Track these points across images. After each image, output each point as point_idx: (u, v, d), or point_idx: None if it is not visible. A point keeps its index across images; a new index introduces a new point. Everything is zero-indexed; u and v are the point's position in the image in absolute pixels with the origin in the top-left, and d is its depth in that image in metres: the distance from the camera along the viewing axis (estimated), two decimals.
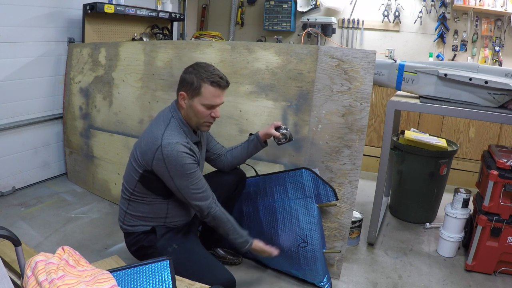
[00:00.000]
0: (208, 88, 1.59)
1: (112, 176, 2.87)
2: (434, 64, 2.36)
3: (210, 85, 1.59)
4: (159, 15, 3.63)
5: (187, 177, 1.58)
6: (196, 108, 1.62)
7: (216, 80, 1.59)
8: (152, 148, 1.57)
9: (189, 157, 1.58)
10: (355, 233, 2.43)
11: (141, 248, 1.72)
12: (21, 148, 2.97)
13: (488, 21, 3.69)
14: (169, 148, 1.55)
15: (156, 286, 1.22)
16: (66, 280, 1.13)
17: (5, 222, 2.47)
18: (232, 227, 1.70)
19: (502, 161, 2.08)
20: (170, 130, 1.61)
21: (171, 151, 1.54)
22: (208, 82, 1.59)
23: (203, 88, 1.59)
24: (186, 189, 1.60)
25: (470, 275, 2.20)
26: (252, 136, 1.98)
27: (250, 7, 4.67)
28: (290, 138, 1.92)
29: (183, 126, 1.66)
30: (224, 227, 1.68)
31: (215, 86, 1.59)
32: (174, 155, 1.54)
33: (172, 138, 1.58)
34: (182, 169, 1.56)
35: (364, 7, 4.11)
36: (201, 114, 1.63)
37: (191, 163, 1.58)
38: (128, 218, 1.73)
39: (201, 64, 1.65)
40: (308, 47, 2.08)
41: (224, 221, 1.67)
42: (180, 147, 1.57)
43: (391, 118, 2.27)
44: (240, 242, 1.71)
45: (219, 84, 1.60)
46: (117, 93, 2.75)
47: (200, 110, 1.62)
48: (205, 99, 1.60)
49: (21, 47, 2.82)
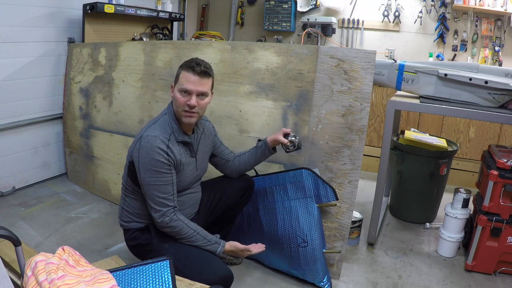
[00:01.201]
0: (183, 73, 1.61)
1: (112, 176, 2.87)
2: (434, 64, 2.36)
3: (185, 70, 1.61)
4: (159, 15, 3.63)
5: (151, 173, 1.57)
6: (175, 95, 1.63)
7: (190, 65, 1.60)
8: (136, 139, 1.63)
9: (162, 155, 1.57)
10: (355, 233, 2.43)
11: (139, 245, 1.73)
12: (21, 148, 2.97)
13: (488, 21, 3.69)
14: (147, 139, 1.58)
15: (156, 286, 1.22)
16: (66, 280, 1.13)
17: (5, 222, 2.47)
18: (196, 234, 1.64)
19: (502, 161, 2.08)
20: (156, 125, 1.64)
21: (147, 143, 1.57)
22: (184, 68, 1.62)
23: (180, 74, 1.62)
24: (147, 186, 1.59)
25: (470, 275, 2.20)
26: (260, 142, 1.95)
27: (250, 7, 4.67)
28: (299, 146, 1.88)
29: (173, 123, 1.66)
30: (186, 235, 1.63)
31: (189, 70, 1.60)
32: (148, 146, 1.57)
33: (153, 132, 1.60)
34: (150, 163, 1.56)
35: (364, 7, 4.12)
36: (178, 101, 1.62)
37: (161, 161, 1.57)
38: (124, 214, 1.75)
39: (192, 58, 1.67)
40: (308, 47, 2.08)
41: (184, 230, 1.62)
42: (157, 141, 1.57)
43: (391, 118, 2.27)
44: (210, 248, 1.66)
45: (192, 69, 1.60)
46: (117, 93, 2.75)
47: (177, 97, 1.62)
48: (179, 84, 1.62)
49: (21, 47, 2.82)
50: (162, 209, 1.60)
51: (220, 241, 1.70)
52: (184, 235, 1.63)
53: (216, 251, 1.67)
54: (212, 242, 1.68)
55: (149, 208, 1.64)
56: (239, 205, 2.03)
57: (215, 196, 1.95)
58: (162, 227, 1.63)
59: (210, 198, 1.94)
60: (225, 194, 1.96)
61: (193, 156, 1.76)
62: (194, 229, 1.65)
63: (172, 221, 1.61)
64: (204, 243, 1.66)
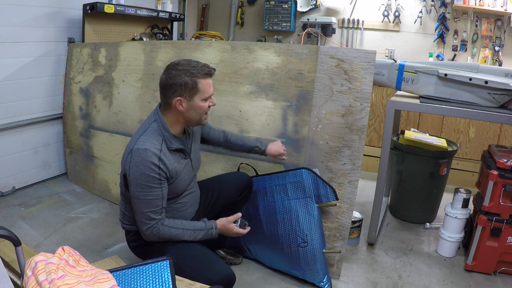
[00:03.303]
0: (202, 82, 1.57)
1: (112, 176, 2.87)
2: (434, 64, 2.36)
3: (203, 78, 1.57)
4: (159, 15, 3.63)
5: (142, 187, 1.52)
6: (198, 105, 1.59)
7: (207, 72, 1.58)
8: (126, 151, 1.58)
9: (153, 170, 1.52)
10: (355, 233, 2.43)
11: (141, 245, 1.72)
12: (21, 148, 2.97)
13: (488, 21, 3.69)
14: (137, 153, 1.52)
15: (156, 286, 1.22)
16: (66, 280, 1.13)
17: (5, 222, 2.47)
18: (185, 230, 1.62)
19: (502, 161, 2.08)
20: (146, 135, 1.58)
21: (137, 157, 1.52)
22: (202, 77, 1.56)
23: (199, 84, 1.56)
24: (137, 199, 1.55)
25: (470, 275, 2.20)
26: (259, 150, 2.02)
27: (250, 7, 4.66)
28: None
29: (164, 131, 1.61)
30: (176, 237, 1.61)
31: (207, 77, 1.58)
32: (139, 161, 1.51)
33: (144, 144, 1.54)
34: (141, 178, 1.51)
35: (364, 7, 4.11)
36: (203, 109, 1.61)
37: (152, 175, 1.52)
38: (127, 218, 1.73)
39: (179, 63, 1.59)
40: (308, 47, 2.08)
41: (172, 233, 1.60)
42: (148, 154, 1.51)
43: (391, 118, 2.27)
44: (205, 235, 1.65)
45: (210, 74, 1.59)
46: (117, 93, 2.75)
47: (202, 105, 1.60)
48: (203, 93, 1.58)
49: (21, 47, 2.82)
50: (149, 223, 1.57)
51: (210, 225, 1.67)
52: (174, 237, 1.61)
53: (212, 236, 1.67)
54: (204, 229, 1.65)
55: (136, 220, 1.61)
56: (237, 204, 2.02)
57: (213, 195, 1.94)
58: (150, 239, 1.61)
59: (208, 197, 1.93)
60: (223, 193, 1.95)
61: (187, 157, 1.73)
62: (181, 227, 1.62)
63: (159, 231, 1.58)
64: (195, 235, 1.64)
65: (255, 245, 2.16)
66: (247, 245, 2.19)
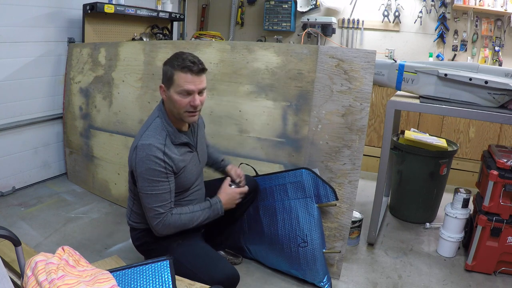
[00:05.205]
0: (179, 75, 1.53)
1: (112, 176, 2.87)
2: (434, 64, 2.36)
3: (181, 71, 1.52)
4: (159, 15, 3.63)
5: (149, 182, 1.54)
6: (173, 98, 1.55)
7: (186, 65, 1.52)
8: (132, 148, 1.59)
9: (158, 164, 1.53)
10: (355, 233, 2.43)
11: (146, 243, 1.72)
12: (21, 148, 2.97)
13: (488, 21, 3.69)
14: (142, 148, 1.54)
15: (156, 286, 1.22)
16: (66, 280, 1.13)
17: (5, 222, 2.47)
18: (193, 213, 1.64)
19: (502, 161, 2.08)
20: (150, 131, 1.59)
21: (142, 152, 1.53)
22: (179, 69, 1.53)
23: (175, 76, 1.53)
24: (145, 195, 1.56)
25: (470, 275, 2.20)
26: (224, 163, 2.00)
27: (250, 7, 4.67)
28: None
29: (167, 126, 1.61)
30: (187, 222, 1.62)
31: (185, 71, 1.52)
32: (143, 156, 1.53)
33: (148, 139, 1.55)
34: (147, 173, 1.53)
35: (364, 7, 4.11)
36: (179, 103, 1.55)
37: (157, 169, 1.53)
38: (134, 215, 1.73)
39: (177, 53, 1.59)
40: (308, 47, 2.08)
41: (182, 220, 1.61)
42: (152, 149, 1.53)
43: (391, 118, 2.27)
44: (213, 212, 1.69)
45: (190, 69, 1.52)
46: (117, 93, 2.75)
47: (177, 99, 1.55)
48: (178, 86, 1.54)
49: (21, 47, 2.82)
50: (159, 217, 1.57)
51: (214, 200, 1.72)
52: (186, 223, 1.62)
53: (220, 213, 1.71)
54: (210, 207, 1.69)
55: (147, 217, 1.62)
56: (242, 206, 2.00)
57: None
58: (162, 233, 1.61)
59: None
60: None
61: (194, 150, 1.73)
62: (189, 211, 1.64)
63: (170, 221, 1.59)
64: (207, 216, 1.67)
65: (255, 245, 2.16)
66: (247, 245, 2.19)
